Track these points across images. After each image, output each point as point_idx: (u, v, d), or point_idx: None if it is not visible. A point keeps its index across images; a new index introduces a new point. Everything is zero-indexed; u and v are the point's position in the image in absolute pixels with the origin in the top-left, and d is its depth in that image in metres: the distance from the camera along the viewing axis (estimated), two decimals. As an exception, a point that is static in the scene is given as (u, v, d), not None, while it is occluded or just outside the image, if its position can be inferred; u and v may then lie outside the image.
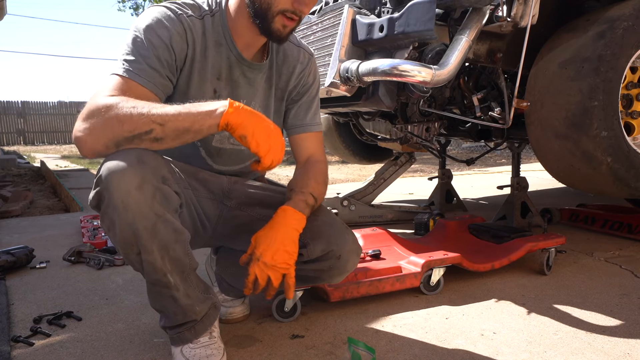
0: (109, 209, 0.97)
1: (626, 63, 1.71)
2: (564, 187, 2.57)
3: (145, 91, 1.04)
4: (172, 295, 1.08)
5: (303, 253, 1.19)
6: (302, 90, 1.33)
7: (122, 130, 0.95)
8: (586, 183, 1.86)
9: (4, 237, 2.60)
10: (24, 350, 1.29)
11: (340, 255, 1.21)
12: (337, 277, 1.26)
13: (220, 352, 1.17)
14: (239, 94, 1.22)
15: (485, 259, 1.80)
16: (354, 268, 1.27)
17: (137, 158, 0.97)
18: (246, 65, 1.21)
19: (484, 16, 1.61)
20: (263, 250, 1.11)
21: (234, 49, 1.18)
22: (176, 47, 1.10)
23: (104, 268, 1.99)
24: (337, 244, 1.20)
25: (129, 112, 0.95)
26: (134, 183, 0.95)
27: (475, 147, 9.95)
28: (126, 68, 1.04)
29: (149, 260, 1.01)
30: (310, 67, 1.34)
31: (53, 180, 5.32)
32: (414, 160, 3.07)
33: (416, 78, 1.54)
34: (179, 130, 0.98)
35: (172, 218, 1.03)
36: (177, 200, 1.06)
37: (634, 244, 2.23)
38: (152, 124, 0.96)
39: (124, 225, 0.97)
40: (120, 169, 0.95)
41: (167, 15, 1.09)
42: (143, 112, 0.95)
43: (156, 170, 1.00)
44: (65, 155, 11.20)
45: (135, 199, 0.95)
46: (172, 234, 1.03)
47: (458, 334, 1.36)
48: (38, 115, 18.02)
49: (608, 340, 1.31)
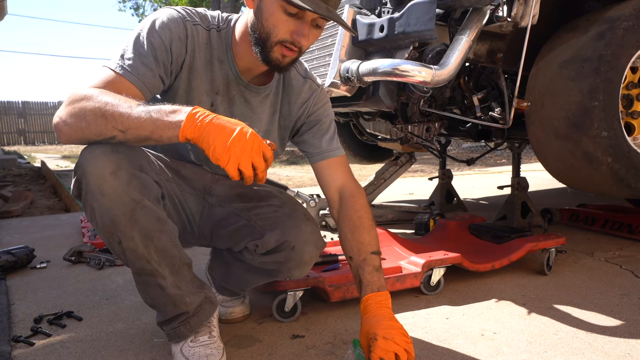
0: (87, 196, 0.98)
1: (626, 63, 1.71)
2: (565, 187, 2.57)
3: (131, 87, 1.03)
4: (158, 284, 1.08)
5: (258, 244, 1.19)
6: (310, 120, 1.31)
7: (90, 132, 0.96)
8: (586, 183, 1.86)
9: (4, 237, 2.60)
10: (24, 350, 1.29)
11: (294, 246, 1.19)
12: (296, 269, 1.24)
13: (220, 352, 1.17)
14: (234, 111, 1.22)
15: (485, 259, 1.80)
16: (313, 260, 1.24)
17: (111, 147, 0.98)
18: (243, 85, 1.21)
19: (484, 16, 1.61)
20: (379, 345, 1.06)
21: (233, 68, 1.18)
22: (175, 50, 1.10)
23: (104, 268, 1.99)
24: (292, 234, 1.19)
25: (94, 114, 0.94)
26: (109, 169, 0.96)
27: (476, 147, 9.95)
28: (119, 63, 1.04)
29: (130, 247, 1.01)
30: (315, 98, 1.30)
31: (53, 180, 5.32)
32: (414, 161, 3.07)
33: (416, 78, 1.54)
34: (140, 137, 0.96)
35: (153, 206, 1.03)
36: (156, 188, 1.06)
37: (634, 244, 2.23)
38: (115, 130, 0.95)
39: (103, 211, 0.98)
40: (94, 156, 0.97)
41: (173, 18, 1.10)
42: (107, 116, 0.94)
43: (132, 159, 1.01)
44: (65, 156, 11.21)
45: (110, 185, 0.96)
46: (154, 223, 1.03)
47: (458, 334, 1.36)
48: (39, 115, 18.03)
49: (608, 340, 1.31)
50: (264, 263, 1.23)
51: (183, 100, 1.15)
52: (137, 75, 1.04)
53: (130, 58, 1.04)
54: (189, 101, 1.16)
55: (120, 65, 1.04)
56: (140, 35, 1.07)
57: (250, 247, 1.21)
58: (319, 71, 1.89)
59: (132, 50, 1.05)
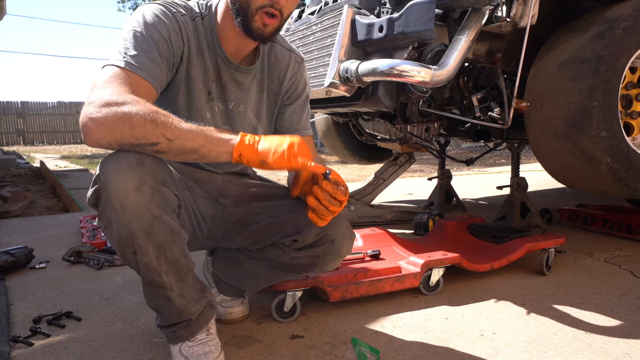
0: (106, 207, 0.97)
1: (625, 63, 1.71)
2: (564, 187, 2.57)
3: (145, 84, 1.03)
4: (166, 296, 1.08)
5: (297, 239, 1.21)
6: (294, 95, 1.33)
7: (131, 136, 0.93)
8: (585, 183, 1.86)
9: (3, 237, 2.59)
10: (23, 351, 1.29)
11: (334, 239, 1.22)
12: (332, 262, 1.26)
13: (218, 349, 1.17)
14: (228, 96, 1.22)
15: (484, 259, 1.80)
16: (347, 253, 1.28)
17: (137, 160, 0.97)
18: (234, 68, 1.21)
19: (483, 16, 1.61)
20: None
21: (221, 53, 1.18)
22: (174, 42, 1.10)
23: (103, 268, 1.99)
24: (331, 228, 1.21)
25: (143, 118, 0.93)
26: (132, 184, 0.95)
27: (475, 148, 9.96)
28: (126, 60, 1.02)
29: (144, 260, 1.02)
30: (302, 72, 1.33)
31: (52, 180, 5.31)
32: (413, 161, 3.07)
33: (415, 78, 1.54)
34: (186, 149, 0.97)
35: (169, 219, 1.03)
36: (175, 201, 1.06)
37: (633, 244, 2.24)
38: (161, 137, 0.95)
39: (121, 225, 0.97)
40: (119, 169, 0.95)
41: (164, 12, 1.10)
42: (157, 122, 0.94)
43: (155, 173, 1.00)
44: (64, 156, 11.20)
45: (132, 200, 0.96)
46: (168, 235, 1.03)
47: (457, 334, 1.36)
48: (38, 115, 18.00)
49: (607, 340, 1.31)
50: (296, 258, 1.24)
51: (184, 92, 1.16)
52: (147, 70, 1.03)
53: (135, 55, 1.02)
54: (189, 92, 1.16)
55: (126, 62, 1.01)
56: (136, 31, 1.05)
57: (286, 243, 1.23)
58: (318, 71, 1.89)
59: (134, 46, 1.03)
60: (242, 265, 1.34)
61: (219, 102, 1.22)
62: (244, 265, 1.34)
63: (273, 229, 1.25)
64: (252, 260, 1.32)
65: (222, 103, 1.22)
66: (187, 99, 1.17)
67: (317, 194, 1.04)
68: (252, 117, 1.27)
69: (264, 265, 1.30)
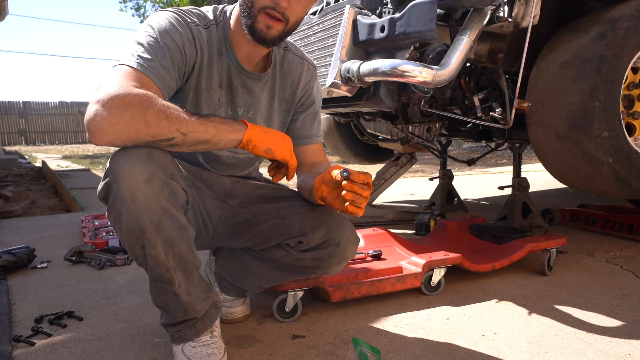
0: (116, 200, 0.98)
1: (627, 64, 1.71)
2: (565, 187, 2.57)
3: (155, 89, 1.03)
4: (173, 292, 1.09)
5: (303, 241, 1.21)
6: (307, 103, 1.34)
7: (146, 134, 0.95)
8: (587, 184, 1.86)
9: (5, 237, 2.60)
10: (25, 350, 1.29)
11: (339, 242, 1.22)
12: (336, 265, 1.26)
13: (221, 352, 1.17)
14: (238, 102, 1.23)
15: (486, 260, 1.80)
16: (352, 257, 1.28)
17: (147, 154, 0.98)
18: (245, 74, 1.21)
19: (485, 17, 1.60)
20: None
21: (233, 59, 1.19)
22: (187, 52, 1.10)
23: (105, 268, 1.99)
24: (337, 231, 1.22)
25: (157, 116, 0.94)
26: (143, 177, 0.96)
27: (476, 148, 9.95)
28: (139, 62, 1.02)
29: (153, 254, 1.02)
30: (314, 80, 1.34)
31: (54, 180, 5.32)
32: (414, 161, 3.07)
33: (417, 78, 1.54)
34: (199, 140, 1.01)
35: (178, 214, 1.04)
36: (184, 196, 1.07)
37: (635, 245, 2.23)
38: (176, 132, 0.97)
39: (131, 217, 0.97)
40: (130, 162, 0.96)
41: (179, 21, 1.10)
42: (171, 118, 0.96)
43: (165, 167, 1.01)
44: (66, 156, 11.22)
45: (143, 192, 0.96)
46: (177, 230, 1.03)
47: (459, 335, 1.36)
48: (39, 115, 18.04)
49: (609, 341, 1.31)
50: (300, 260, 1.24)
51: (192, 100, 1.17)
52: (158, 76, 1.03)
53: (149, 59, 1.03)
54: (198, 101, 1.17)
55: (139, 64, 1.01)
56: (151, 37, 1.05)
57: (291, 244, 1.24)
58: (320, 71, 1.89)
59: (148, 51, 1.04)
60: (245, 265, 1.35)
61: (228, 108, 1.22)
62: (248, 265, 1.34)
63: (279, 230, 1.25)
64: (255, 261, 1.32)
65: (231, 109, 1.23)
66: (196, 107, 1.17)
67: (349, 187, 1.04)
68: (262, 123, 1.27)
69: (268, 266, 1.31)
